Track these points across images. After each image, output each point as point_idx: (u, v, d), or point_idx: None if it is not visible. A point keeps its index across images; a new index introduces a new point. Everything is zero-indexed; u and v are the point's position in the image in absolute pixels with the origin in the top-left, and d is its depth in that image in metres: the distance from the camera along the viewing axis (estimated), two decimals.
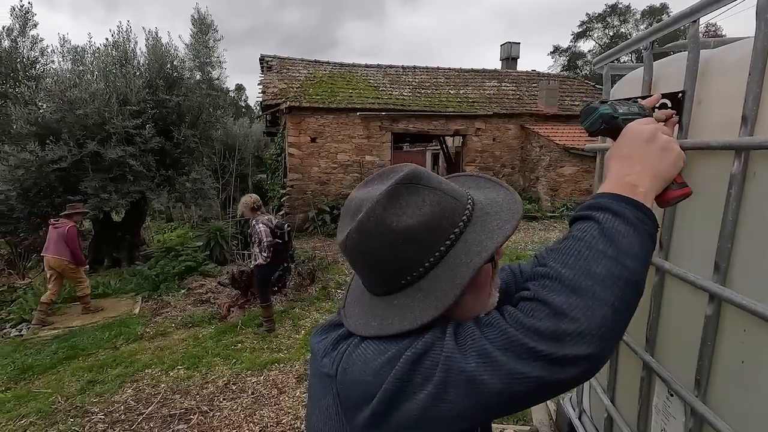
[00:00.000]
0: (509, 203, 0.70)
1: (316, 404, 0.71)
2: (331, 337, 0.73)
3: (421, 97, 12.75)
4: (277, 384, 3.78)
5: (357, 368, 0.62)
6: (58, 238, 5.61)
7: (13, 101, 6.62)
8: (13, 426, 3.53)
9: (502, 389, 0.53)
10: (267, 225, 4.70)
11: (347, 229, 0.66)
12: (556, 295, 0.55)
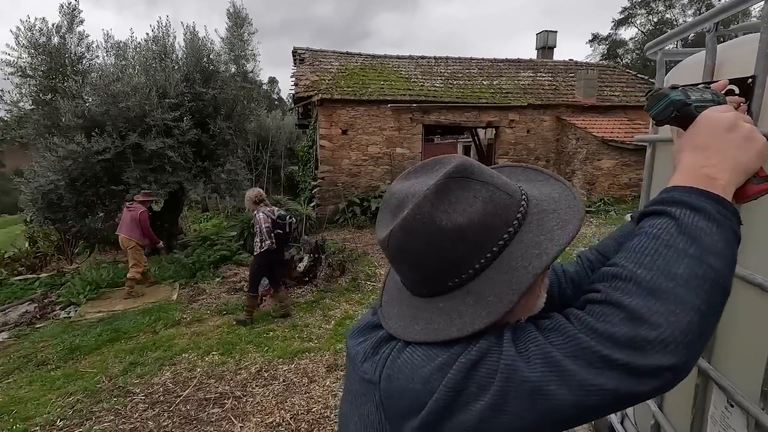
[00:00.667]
0: (567, 199, 0.65)
1: (356, 410, 0.68)
2: (371, 340, 0.69)
3: (454, 88, 12.54)
4: (308, 373, 3.83)
5: (403, 375, 0.58)
6: (130, 221, 6.17)
7: (62, 95, 6.95)
8: (62, 402, 3.74)
9: (572, 401, 0.48)
10: (268, 215, 4.83)
11: (390, 225, 0.62)
12: (632, 298, 0.50)
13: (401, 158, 11.66)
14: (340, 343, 4.38)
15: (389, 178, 11.59)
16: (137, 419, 3.35)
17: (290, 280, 5.99)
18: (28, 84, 7.37)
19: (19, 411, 3.67)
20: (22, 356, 4.83)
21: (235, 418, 3.19)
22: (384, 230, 0.64)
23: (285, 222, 4.97)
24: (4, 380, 4.40)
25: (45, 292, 6.60)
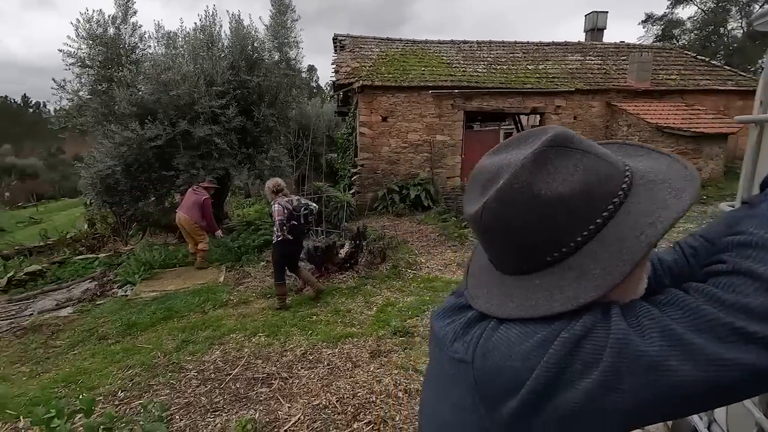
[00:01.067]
0: (677, 170, 0.59)
1: (443, 394, 0.66)
2: (460, 320, 0.66)
3: (497, 73, 12.17)
4: (351, 358, 3.87)
5: (500, 353, 0.55)
6: (193, 203, 6.62)
7: (117, 84, 7.26)
8: (122, 375, 3.97)
9: (699, 378, 0.44)
10: (283, 206, 4.87)
11: (481, 199, 0.59)
12: (766, 266, 0.45)
13: (441, 146, 11.49)
14: (383, 330, 4.39)
15: (429, 165, 11.47)
16: (191, 394, 3.50)
17: (332, 266, 6.07)
18: (87, 74, 7.75)
19: (84, 381, 3.93)
20: (85, 330, 5.17)
21: (282, 398, 3.27)
22: (474, 205, 0.60)
23: (300, 213, 5.00)
24: (70, 352, 4.73)
25: (104, 271, 7.01)
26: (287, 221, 4.87)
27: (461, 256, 6.76)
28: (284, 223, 4.85)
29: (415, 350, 3.88)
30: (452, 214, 9.42)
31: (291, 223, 4.90)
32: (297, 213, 4.97)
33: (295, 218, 4.96)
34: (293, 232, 4.93)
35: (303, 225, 5.13)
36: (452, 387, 0.63)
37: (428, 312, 4.78)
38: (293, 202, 4.98)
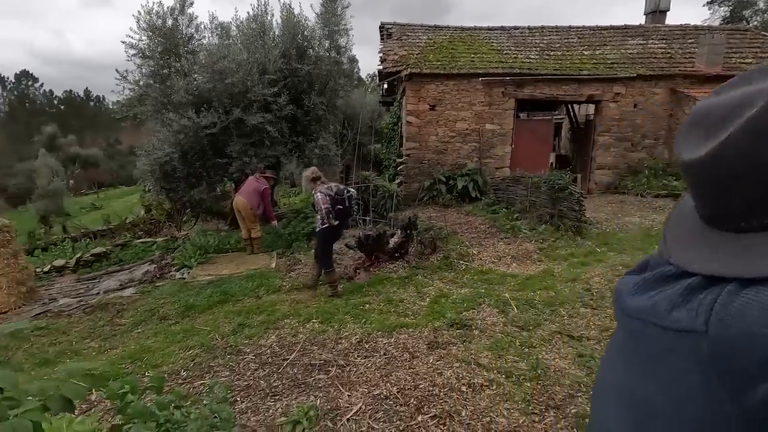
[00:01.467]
0: None
1: (648, 377, 0.53)
2: (672, 289, 0.53)
3: (550, 59, 11.61)
4: (408, 348, 3.77)
5: (750, 319, 0.42)
6: (254, 190, 6.80)
7: (175, 73, 7.47)
8: (183, 354, 4.07)
9: None
10: (325, 193, 4.89)
11: (711, 141, 0.47)
12: None
13: (490, 135, 11.13)
14: (438, 321, 4.27)
15: (477, 155, 11.15)
16: (250, 377, 3.52)
17: (382, 255, 5.99)
18: (147, 64, 8.02)
19: (148, 359, 4.06)
20: (147, 310, 5.37)
21: (341, 386, 3.22)
22: (698, 150, 0.49)
23: (344, 196, 5.00)
24: (134, 330, 4.92)
25: (162, 254, 7.29)
26: (333, 207, 4.89)
27: (515, 249, 6.49)
28: (330, 210, 4.87)
29: (475, 344, 3.73)
30: (502, 205, 9.10)
31: (337, 207, 4.93)
32: (341, 197, 4.98)
33: (340, 202, 4.97)
34: (339, 216, 4.96)
35: (349, 208, 5.13)
36: (665, 364, 0.51)
37: (484, 305, 4.62)
38: (333, 189, 5.00)
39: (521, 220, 7.85)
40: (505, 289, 5.05)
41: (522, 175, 8.66)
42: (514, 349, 3.60)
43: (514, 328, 4.01)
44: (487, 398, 2.92)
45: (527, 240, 6.87)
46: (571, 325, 4.02)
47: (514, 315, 4.30)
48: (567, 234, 6.78)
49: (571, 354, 3.46)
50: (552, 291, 4.87)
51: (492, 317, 4.31)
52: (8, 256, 5.81)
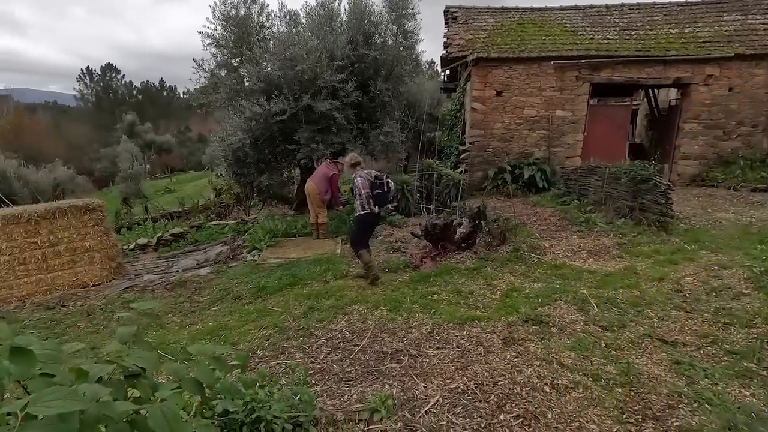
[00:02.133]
0: None
1: None
2: None
3: (631, 39, 10.71)
4: (482, 342, 3.64)
5: None
6: (323, 176, 7.00)
7: (247, 61, 7.69)
8: (258, 334, 4.21)
9: None
10: (365, 178, 4.94)
11: None
12: None
13: (561, 122, 10.53)
14: (512, 316, 4.09)
15: (545, 144, 10.61)
16: (323, 361, 3.56)
17: (450, 244, 5.85)
18: (221, 53, 8.32)
19: (226, 336, 4.24)
20: (222, 289, 5.63)
21: (416, 377, 3.16)
22: None
23: (383, 181, 5.04)
24: (211, 308, 5.17)
25: (233, 236, 7.62)
26: (372, 191, 4.97)
27: (591, 243, 6.10)
28: (371, 195, 4.96)
29: (555, 342, 3.53)
30: (573, 196, 8.60)
31: (375, 192, 5.00)
32: (380, 181, 5.03)
33: (378, 186, 5.01)
34: (378, 201, 5.04)
35: (386, 193, 5.12)
36: None
37: (560, 301, 4.37)
38: (372, 174, 5.06)
39: (596, 212, 7.36)
40: (583, 285, 4.75)
41: (597, 164, 8.10)
42: (599, 350, 3.35)
43: (597, 328, 3.75)
44: (573, 401, 2.74)
45: (604, 234, 6.43)
46: (663, 328, 3.69)
47: (596, 314, 4.02)
48: (650, 229, 6.26)
49: (665, 360, 3.17)
50: (636, 290, 4.51)
51: (570, 315, 4.07)
52: (101, 233, 6.31)
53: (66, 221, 6.07)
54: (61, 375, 0.71)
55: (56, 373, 0.70)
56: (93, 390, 0.63)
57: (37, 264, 5.97)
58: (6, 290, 5.84)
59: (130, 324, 0.97)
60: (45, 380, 0.66)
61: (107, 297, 5.80)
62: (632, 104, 11.77)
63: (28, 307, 5.71)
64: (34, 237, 5.92)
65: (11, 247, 5.81)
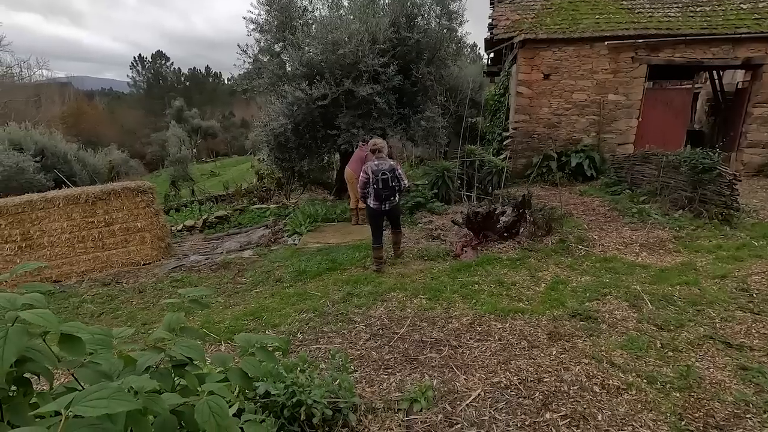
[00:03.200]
0: None
1: None
2: None
3: (696, 16, 9.87)
4: (525, 336, 3.51)
5: None
6: (357, 158, 6.96)
7: (290, 45, 7.70)
8: (298, 317, 4.26)
9: None
10: (364, 170, 4.96)
11: None
12: None
13: (613, 107, 9.94)
14: (557, 310, 3.92)
15: (595, 130, 10.07)
16: (362, 347, 3.55)
17: (491, 234, 5.68)
18: (265, 38, 8.38)
19: (267, 318, 4.31)
20: (264, 272, 5.75)
21: (456, 368, 3.09)
22: None
23: (378, 177, 4.92)
24: (253, 289, 5.30)
25: (275, 220, 7.76)
26: (369, 186, 4.97)
27: (644, 236, 5.74)
28: (364, 189, 5.00)
29: (604, 339, 3.35)
30: (625, 186, 8.14)
31: (374, 187, 4.95)
32: (376, 177, 4.94)
33: (375, 182, 4.94)
34: (377, 196, 5.00)
35: (382, 190, 4.99)
36: None
37: (610, 296, 4.14)
38: (380, 166, 4.95)
39: (650, 203, 6.93)
40: (635, 280, 4.48)
41: (653, 152, 7.60)
42: (654, 350, 3.15)
43: (651, 327, 3.52)
44: (626, 404, 2.58)
45: (659, 227, 6.04)
46: (726, 330, 3.42)
47: (650, 311, 3.79)
48: (711, 222, 5.82)
49: (730, 365, 2.93)
50: (695, 287, 4.21)
51: (621, 311, 3.85)
52: (152, 214, 6.59)
53: (120, 202, 6.37)
54: (109, 363, 0.70)
55: (105, 360, 0.68)
56: (140, 383, 0.61)
57: (94, 242, 6.32)
58: (67, 266, 6.23)
59: (177, 310, 0.94)
60: (93, 369, 0.64)
61: (157, 276, 6.07)
62: (694, 87, 10.91)
63: (86, 282, 6.07)
64: (91, 217, 6.25)
65: (71, 226, 6.17)
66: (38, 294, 0.63)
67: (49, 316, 0.54)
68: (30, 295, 0.59)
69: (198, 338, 0.92)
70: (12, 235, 5.96)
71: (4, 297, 0.55)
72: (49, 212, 6.07)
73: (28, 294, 0.59)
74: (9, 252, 5.97)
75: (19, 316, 0.50)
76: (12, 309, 0.52)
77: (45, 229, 6.08)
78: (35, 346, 0.56)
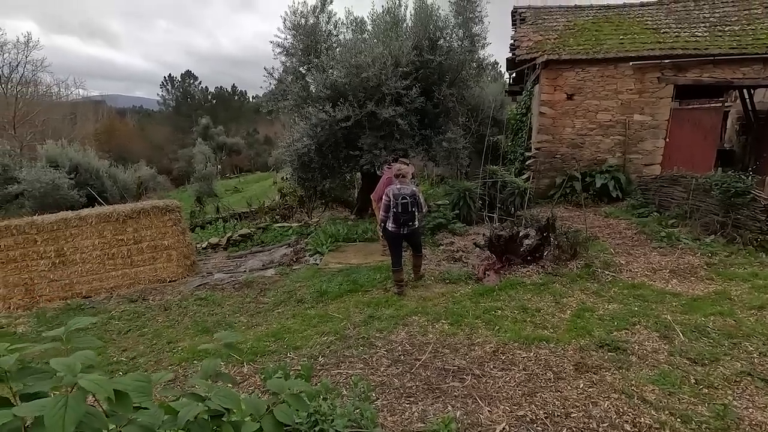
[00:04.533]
0: None
1: None
2: None
3: (724, 36, 9.72)
4: (551, 366, 3.42)
5: None
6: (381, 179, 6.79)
7: (315, 69, 7.88)
8: (319, 339, 4.26)
9: None
10: (387, 193, 5.01)
11: None
12: None
13: (639, 127, 9.79)
14: (583, 339, 3.82)
15: (621, 150, 9.92)
16: (384, 373, 3.52)
17: (514, 257, 5.61)
18: (291, 61, 8.61)
19: (289, 339, 4.33)
20: (285, 292, 5.80)
21: (480, 399, 3.03)
22: None
23: (398, 201, 4.95)
24: (275, 310, 5.34)
25: (297, 238, 7.85)
26: (389, 211, 5.01)
27: (674, 262, 5.57)
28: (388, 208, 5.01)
29: (634, 372, 3.23)
30: (652, 208, 7.94)
31: (393, 211, 4.99)
32: (396, 200, 4.98)
33: (395, 206, 4.97)
34: (395, 220, 5.02)
35: (401, 214, 5.01)
36: None
37: (639, 326, 4.01)
38: (400, 190, 4.99)
39: (679, 227, 6.74)
40: (665, 309, 4.34)
41: (681, 174, 7.42)
42: (688, 387, 3.02)
43: (684, 360, 3.39)
44: None
45: (690, 252, 5.85)
46: (765, 366, 3.26)
47: (682, 343, 3.65)
48: (746, 249, 5.60)
49: None
50: (731, 318, 4.04)
51: (652, 342, 3.72)
52: (179, 233, 6.76)
53: (149, 221, 6.57)
54: (152, 416, 0.72)
55: (149, 416, 0.70)
56: None
57: (123, 259, 6.50)
58: (97, 282, 6.42)
59: (214, 357, 0.97)
60: (139, 426, 0.66)
61: (182, 293, 6.19)
62: (723, 106, 10.65)
63: (115, 298, 6.24)
64: (121, 234, 6.45)
65: (102, 243, 6.38)
66: (90, 352, 0.66)
67: (104, 382, 0.57)
68: (82, 353, 0.62)
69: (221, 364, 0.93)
70: (47, 252, 6.19)
71: (63, 363, 0.58)
72: (82, 230, 6.30)
73: (81, 352, 0.63)
74: (43, 268, 6.20)
75: (78, 383, 0.53)
76: (70, 374, 0.55)
77: (78, 246, 6.30)
78: (88, 409, 0.59)
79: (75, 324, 0.71)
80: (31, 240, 6.11)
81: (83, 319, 0.75)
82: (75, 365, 0.60)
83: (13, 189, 12.81)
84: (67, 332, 0.69)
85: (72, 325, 0.70)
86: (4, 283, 6.10)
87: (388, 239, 5.29)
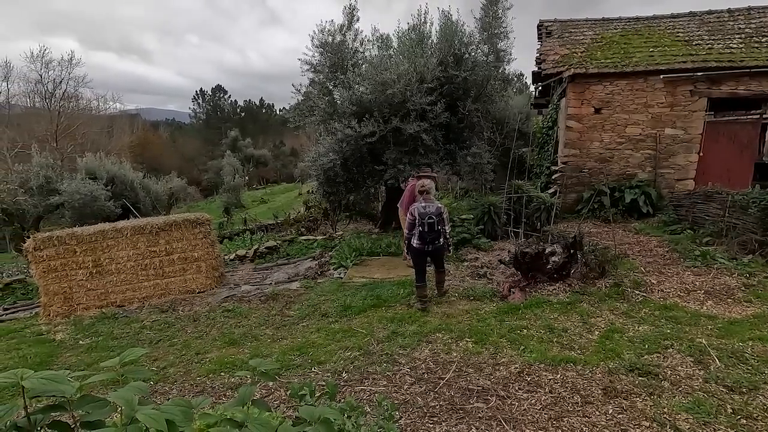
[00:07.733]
0: None
1: None
2: None
3: (761, 47, 9.41)
4: (578, 389, 3.35)
5: None
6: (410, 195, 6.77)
7: (341, 86, 8.05)
8: (343, 355, 4.29)
9: None
10: (412, 211, 5.03)
11: None
12: None
13: (670, 141, 9.54)
14: (612, 361, 3.72)
15: (651, 164, 9.67)
16: (407, 392, 3.52)
17: (540, 275, 5.53)
18: (318, 78, 8.82)
19: (313, 354, 4.38)
20: (310, 305, 5.87)
21: (505, 422, 2.99)
22: None
23: (424, 221, 4.96)
24: (300, 323, 5.40)
25: (321, 251, 7.95)
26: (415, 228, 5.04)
27: (709, 282, 5.37)
28: (414, 225, 5.05)
29: (667, 399, 3.13)
30: (685, 225, 7.69)
31: (419, 230, 5.01)
32: (422, 220, 4.99)
33: (421, 224, 4.99)
34: (421, 238, 5.03)
35: (426, 233, 5.03)
36: None
37: (672, 350, 3.88)
38: (426, 208, 5.00)
39: (714, 245, 6.50)
40: (700, 332, 4.18)
41: (717, 190, 7.18)
42: (724, 416, 2.91)
43: (720, 388, 3.26)
44: None
45: (726, 272, 5.63)
46: None
47: (717, 369, 3.51)
48: None
49: None
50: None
51: (685, 367, 3.59)
52: (208, 245, 6.96)
53: (180, 233, 6.79)
54: None
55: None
56: None
57: (155, 270, 6.73)
58: (130, 292, 6.66)
59: (249, 384, 1.02)
60: None
61: (210, 304, 6.35)
62: (762, 118, 10.27)
63: (146, 308, 6.45)
64: (154, 246, 6.69)
65: (136, 255, 6.63)
66: (143, 384, 0.71)
67: (158, 416, 0.62)
68: (136, 385, 0.68)
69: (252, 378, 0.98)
70: (85, 262, 6.48)
71: (123, 397, 0.64)
72: (118, 241, 6.57)
73: (135, 384, 0.68)
74: (81, 277, 6.48)
75: (135, 416, 0.59)
76: (129, 408, 0.61)
77: (113, 257, 6.57)
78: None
79: (128, 356, 0.77)
80: (71, 251, 6.41)
81: (135, 351, 0.82)
82: (132, 399, 0.66)
83: (55, 200, 13.46)
84: (121, 362, 0.76)
85: (125, 356, 0.77)
86: (45, 292, 6.40)
87: (412, 255, 5.31)
